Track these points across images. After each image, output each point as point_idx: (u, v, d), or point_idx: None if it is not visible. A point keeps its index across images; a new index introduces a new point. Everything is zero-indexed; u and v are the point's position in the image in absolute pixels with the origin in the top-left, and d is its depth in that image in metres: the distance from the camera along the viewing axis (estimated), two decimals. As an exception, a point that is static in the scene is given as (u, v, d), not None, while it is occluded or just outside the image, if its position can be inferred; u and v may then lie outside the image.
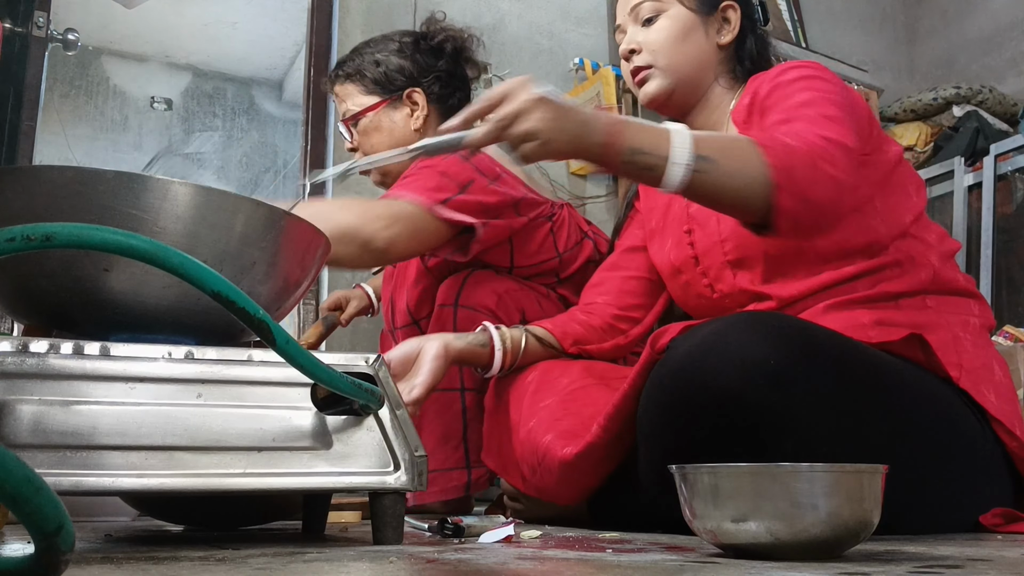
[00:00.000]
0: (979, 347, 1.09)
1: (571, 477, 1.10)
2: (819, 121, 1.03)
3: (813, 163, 0.96)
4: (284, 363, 0.71)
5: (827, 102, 1.07)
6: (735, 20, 1.28)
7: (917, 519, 0.97)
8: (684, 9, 1.26)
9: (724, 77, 1.28)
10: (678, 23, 1.25)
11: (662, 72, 1.26)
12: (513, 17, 3.11)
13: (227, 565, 0.65)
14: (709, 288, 1.23)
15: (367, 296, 2.01)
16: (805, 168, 0.96)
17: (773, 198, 0.95)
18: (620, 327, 1.36)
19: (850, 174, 0.99)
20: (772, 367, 0.87)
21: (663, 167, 0.94)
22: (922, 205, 1.19)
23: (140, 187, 0.78)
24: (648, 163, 0.94)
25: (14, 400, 0.70)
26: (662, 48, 1.25)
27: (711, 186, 0.95)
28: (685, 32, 1.25)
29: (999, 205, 2.98)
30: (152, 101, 4.25)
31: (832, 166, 0.97)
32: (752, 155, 0.95)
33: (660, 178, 0.95)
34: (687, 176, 0.94)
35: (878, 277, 1.12)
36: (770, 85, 1.16)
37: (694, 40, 1.26)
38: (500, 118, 0.94)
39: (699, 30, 1.26)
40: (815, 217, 0.98)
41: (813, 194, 0.96)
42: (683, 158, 0.94)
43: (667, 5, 1.26)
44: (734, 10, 1.28)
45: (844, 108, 1.07)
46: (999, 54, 3.53)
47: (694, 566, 0.65)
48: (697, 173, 0.94)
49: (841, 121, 1.04)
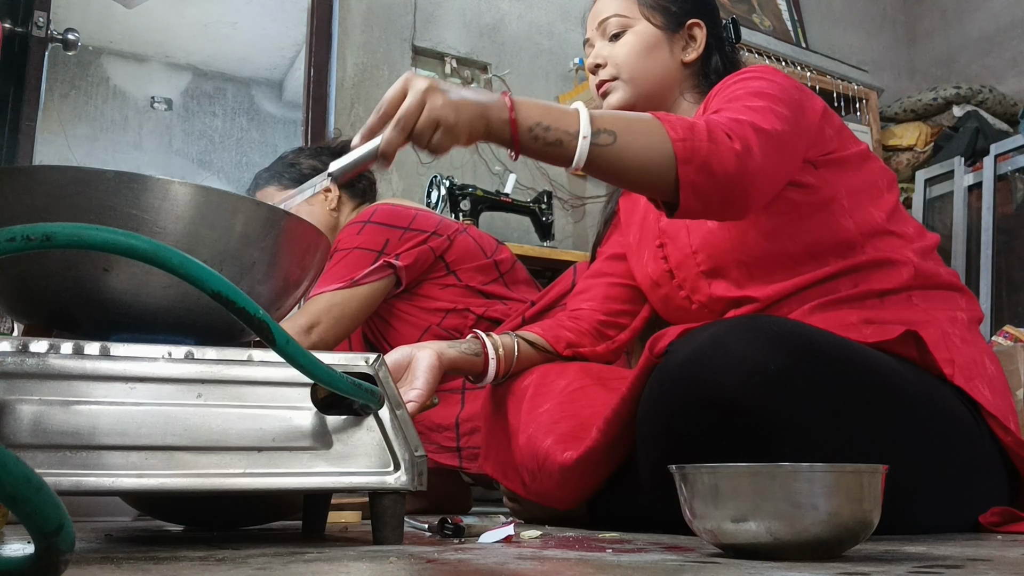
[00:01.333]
0: (968, 342, 1.10)
1: (572, 481, 1.10)
2: (739, 109, 1.05)
3: (713, 136, 0.98)
4: (284, 363, 0.71)
5: (755, 95, 1.09)
6: (701, 38, 1.31)
7: (917, 518, 0.97)
8: (650, 26, 1.29)
9: (690, 92, 1.31)
10: (643, 39, 1.29)
11: (624, 85, 1.29)
12: (513, 17, 3.11)
13: (227, 565, 0.65)
14: (687, 300, 1.24)
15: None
16: (705, 140, 0.97)
17: (676, 172, 0.96)
18: (607, 333, 1.36)
19: (760, 151, 1.00)
20: (771, 370, 0.87)
21: (568, 141, 0.96)
22: (894, 200, 1.19)
23: (140, 187, 0.78)
24: (553, 138, 0.96)
25: (14, 400, 0.70)
26: (626, 62, 1.28)
27: (615, 159, 0.97)
28: (649, 48, 1.28)
29: (999, 205, 2.99)
30: (152, 101, 4.25)
31: (736, 141, 0.98)
32: (655, 129, 0.98)
33: (567, 154, 0.96)
34: (588, 149, 0.96)
35: (858, 277, 1.12)
36: (716, 90, 1.18)
37: (658, 56, 1.29)
38: (403, 115, 0.92)
39: (664, 47, 1.29)
40: (721, 190, 0.98)
41: (716, 165, 0.97)
42: (585, 131, 0.96)
43: (633, 21, 1.29)
44: (700, 28, 1.31)
45: (775, 100, 1.08)
46: (999, 54, 3.53)
47: (694, 566, 0.65)
48: (598, 147, 0.96)
49: (762, 109, 1.05)
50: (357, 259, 1.67)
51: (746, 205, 1.03)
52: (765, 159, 1.01)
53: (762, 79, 1.14)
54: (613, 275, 1.39)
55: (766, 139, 1.02)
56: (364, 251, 1.68)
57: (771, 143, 1.02)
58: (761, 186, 1.03)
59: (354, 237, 1.69)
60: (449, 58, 2.95)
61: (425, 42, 2.92)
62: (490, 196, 2.60)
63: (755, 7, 3.45)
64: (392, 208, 1.76)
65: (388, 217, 1.73)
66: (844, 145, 1.18)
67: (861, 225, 1.14)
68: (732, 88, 1.14)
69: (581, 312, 1.37)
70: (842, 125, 1.21)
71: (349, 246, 1.69)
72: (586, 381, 1.24)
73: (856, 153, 1.19)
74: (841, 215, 1.14)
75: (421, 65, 2.90)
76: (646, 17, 1.29)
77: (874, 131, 3.34)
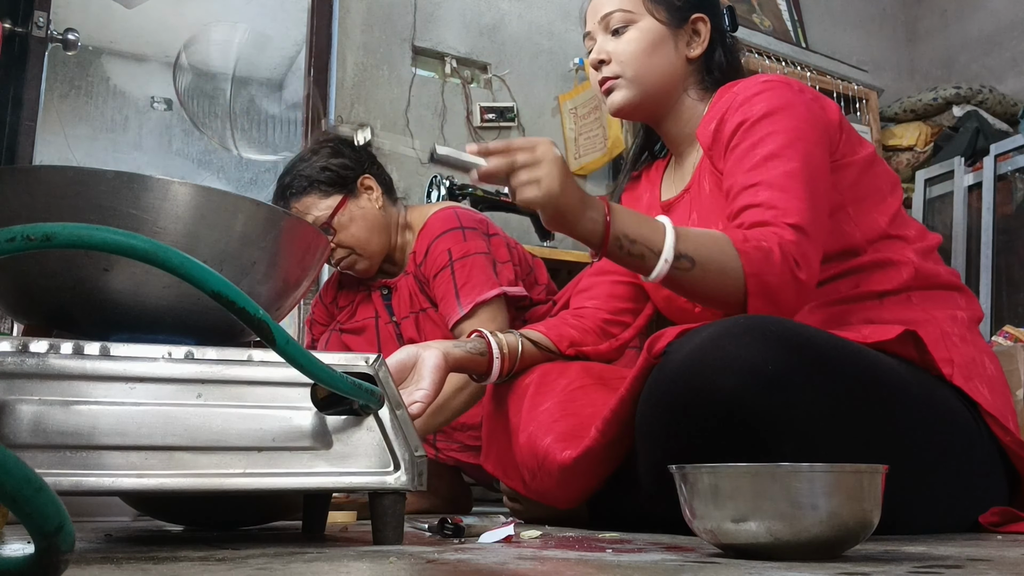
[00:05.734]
0: (968, 342, 1.10)
1: (571, 481, 1.10)
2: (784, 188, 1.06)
3: (783, 272, 1.01)
4: (284, 363, 0.71)
5: (790, 152, 1.08)
6: (705, 33, 1.28)
7: (917, 518, 0.97)
8: (654, 21, 1.26)
9: (694, 88, 1.29)
10: (648, 35, 1.25)
11: (629, 83, 1.25)
12: (513, 17, 3.11)
13: (227, 565, 0.65)
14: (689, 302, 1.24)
15: None
16: (776, 276, 1.01)
17: (745, 300, 1.01)
18: (611, 331, 1.36)
19: (812, 265, 1.04)
20: (770, 371, 0.87)
21: (650, 259, 1.01)
22: (897, 203, 1.19)
23: (140, 187, 0.78)
24: (637, 252, 1.02)
25: (14, 400, 0.70)
26: (631, 60, 1.25)
27: (688, 283, 1.03)
28: (654, 45, 1.25)
29: (999, 205, 2.98)
30: (152, 101, 4.25)
31: (800, 270, 1.02)
32: (731, 262, 1.01)
33: (646, 268, 1.02)
34: (667, 272, 1.01)
35: (859, 278, 1.12)
36: (736, 118, 1.15)
37: (663, 53, 1.26)
38: (520, 159, 1.00)
39: (668, 43, 1.26)
40: (779, 313, 1.03)
41: (781, 298, 1.02)
42: (668, 255, 1.01)
43: (638, 16, 1.26)
44: (704, 23, 1.28)
45: (806, 151, 1.08)
46: (999, 54, 3.53)
47: (694, 566, 0.65)
48: (678, 270, 1.01)
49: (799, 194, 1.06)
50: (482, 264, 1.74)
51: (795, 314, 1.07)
52: (812, 269, 1.04)
53: (783, 110, 1.12)
54: (616, 273, 1.38)
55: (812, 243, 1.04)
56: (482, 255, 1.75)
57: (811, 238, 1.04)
58: (809, 293, 1.06)
59: (461, 244, 1.75)
60: (449, 58, 2.95)
61: (425, 42, 2.92)
62: (490, 196, 2.58)
63: (755, 7, 3.45)
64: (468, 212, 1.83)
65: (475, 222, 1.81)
66: (853, 149, 1.17)
67: (866, 232, 1.14)
68: (758, 132, 1.11)
69: (585, 310, 1.37)
70: (851, 128, 1.20)
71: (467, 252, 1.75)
72: (587, 380, 1.24)
73: (864, 157, 1.18)
74: (846, 222, 1.14)
75: (421, 65, 2.90)
76: (650, 12, 1.25)
77: (874, 131, 3.34)
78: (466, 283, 1.70)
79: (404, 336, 1.82)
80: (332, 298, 1.96)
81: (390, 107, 2.80)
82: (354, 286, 1.92)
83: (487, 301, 1.69)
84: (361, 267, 1.82)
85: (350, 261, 1.81)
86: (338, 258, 1.81)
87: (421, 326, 1.80)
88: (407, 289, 1.82)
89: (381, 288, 1.86)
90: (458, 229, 1.76)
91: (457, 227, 1.77)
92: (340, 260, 1.82)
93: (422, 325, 1.80)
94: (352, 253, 1.80)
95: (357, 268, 1.83)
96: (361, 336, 1.86)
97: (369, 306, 1.87)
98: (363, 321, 1.86)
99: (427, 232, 1.79)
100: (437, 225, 1.78)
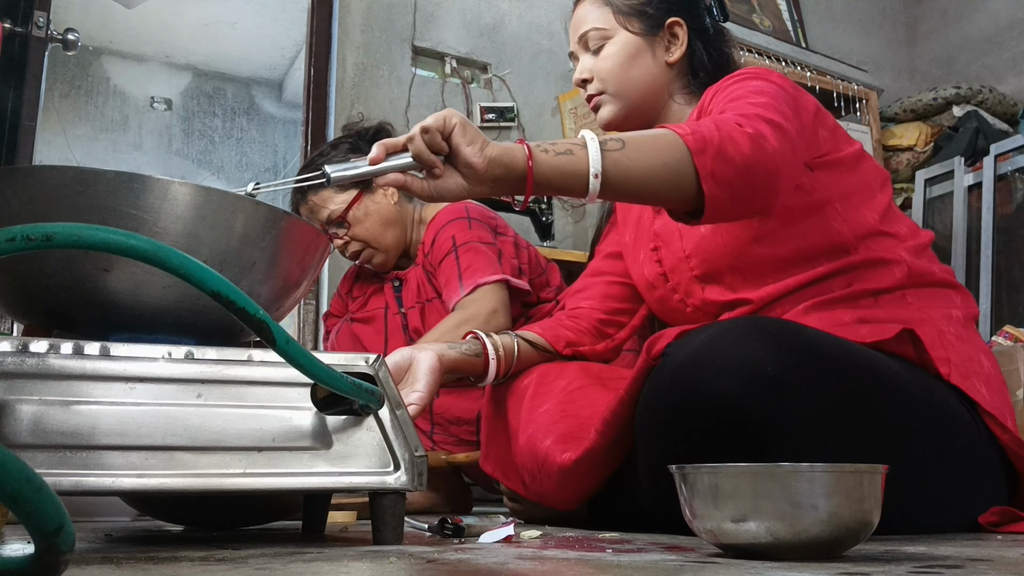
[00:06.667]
0: (964, 340, 1.10)
1: (571, 482, 1.10)
2: (743, 106, 1.04)
3: (720, 126, 0.97)
4: (284, 363, 0.71)
5: (756, 93, 1.08)
6: (682, 35, 1.28)
7: (916, 518, 0.97)
8: (628, 34, 1.27)
9: (680, 93, 1.30)
10: (624, 49, 1.27)
11: (612, 98, 1.28)
12: (513, 17, 3.11)
13: (227, 565, 0.65)
14: (682, 303, 1.25)
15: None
16: (714, 130, 0.96)
17: (693, 164, 0.95)
18: (607, 331, 1.36)
19: (773, 136, 0.99)
20: (769, 372, 0.87)
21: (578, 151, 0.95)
22: (887, 200, 1.19)
23: (140, 187, 0.78)
24: (563, 148, 0.95)
25: (14, 400, 0.70)
26: (610, 76, 1.27)
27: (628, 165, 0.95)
28: (631, 57, 1.26)
29: (999, 205, 2.98)
30: (152, 101, 4.25)
31: (747, 126, 0.98)
32: (661, 132, 0.98)
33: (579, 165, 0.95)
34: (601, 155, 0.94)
35: (852, 276, 1.12)
36: (713, 92, 1.18)
37: (642, 63, 1.27)
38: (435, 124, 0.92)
39: (646, 53, 1.27)
40: (741, 174, 0.97)
41: (731, 150, 0.95)
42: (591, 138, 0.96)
43: (612, 32, 1.27)
44: (680, 26, 1.28)
45: (775, 98, 1.08)
46: (999, 54, 3.53)
47: (694, 566, 0.65)
48: (609, 152, 0.95)
49: (767, 105, 1.04)
50: (485, 252, 1.77)
51: (773, 188, 1.01)
52: (780, 143, 0.99)
53: (758, 79, 1.14)
54: (612, 273, 1.39)
55: (776, 127, 1.01)
56: (486, 245, 1.78)
57: (782, 131, 1.01)
58: (782, 167, 1.00)
59: (466, 231, 1.79)
60: (449, 58, 2.95)
61: (425, 42, 2.91)
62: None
63: (755, 7, 3.45)
64: (479, 207, 1.86)
65: (483, 216, 1.84)
66: (838, 146, 1.18)
67: (855, 228, 1.14)
68: (731, 89, 1.14)
69: (580, 311, 1.37)
70: (835, 125, 1.20)
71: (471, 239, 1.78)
72: (586, 381, 1.24)
73: (850, 154, 1.18)
74: (834, 218, 1.14)
75: (421, 65, 2.90)
76: (623, 26, 1.27)
77: (874, 131, 3.34)
78: (469, 267, 1.73)
79: (410, 326, 1.85)
80: (348, 289, 2.02)
81: (390, 107, 2.80)
82: (370, 279, 1.97)
83: (489, 283, 1.71)
84: (378, 261, 1.88)
85: (366, 255, 1.87)
86: (353, 251, 1.87)
87: (426, 316, 1.83)
88: (416, 279, 1.87)
89: (393, 280, 1.91)
90: (464, 219, 1.81)
91: (463, 217, 1.81)
92: (356, 254, 1.87)
93: (427, 315, 1.83)
94: (367, 247, 1.86)
95: (374, 262, 1.88)
96: (370, 326, 1.89)
97: (381, 297, 1.92)
98: (373, 311, 1.90)
99: (435, 223, 1.84)
100: (444, 216, 1.83)
